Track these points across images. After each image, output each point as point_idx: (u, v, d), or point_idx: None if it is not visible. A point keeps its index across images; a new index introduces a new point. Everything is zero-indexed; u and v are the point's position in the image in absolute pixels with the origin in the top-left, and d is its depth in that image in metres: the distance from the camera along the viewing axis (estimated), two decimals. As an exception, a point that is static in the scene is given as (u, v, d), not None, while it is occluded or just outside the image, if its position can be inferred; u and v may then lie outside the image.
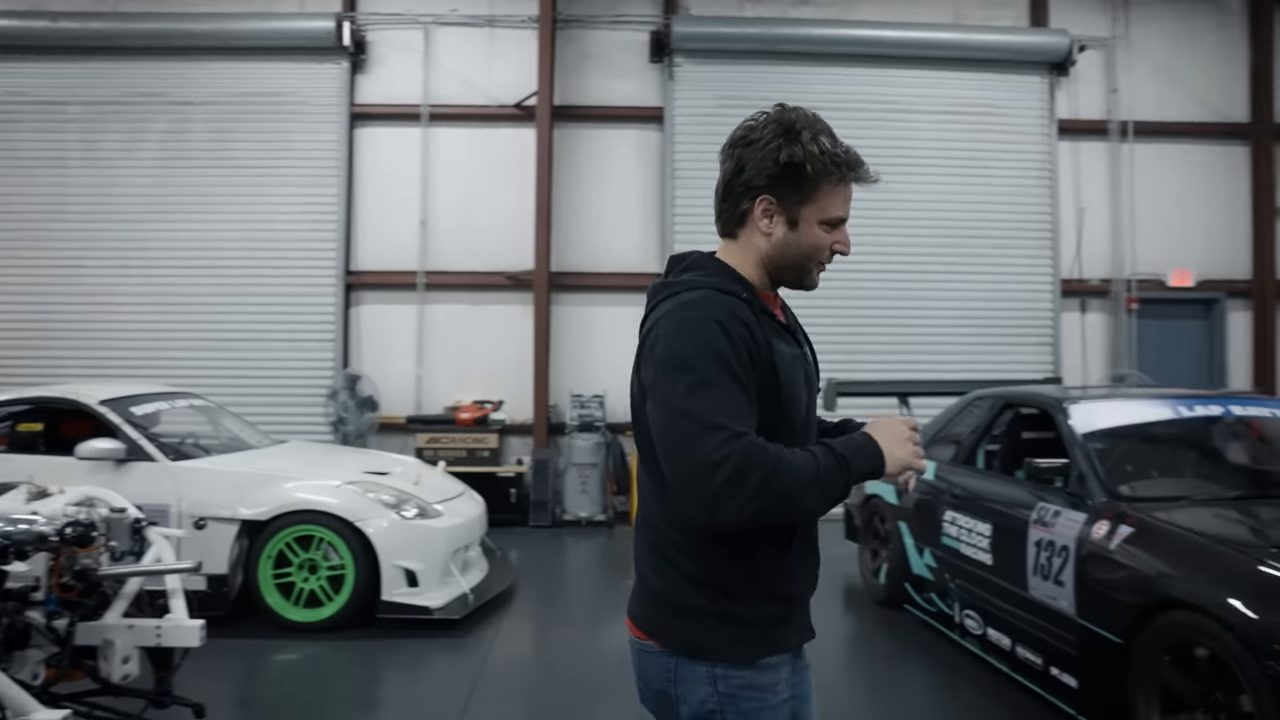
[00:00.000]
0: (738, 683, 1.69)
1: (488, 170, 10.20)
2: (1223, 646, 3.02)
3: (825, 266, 1.80)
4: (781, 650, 1.74)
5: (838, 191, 1.72)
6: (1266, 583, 3.06)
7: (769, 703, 1.71)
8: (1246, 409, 4.68)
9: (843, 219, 1.74)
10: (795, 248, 1.73)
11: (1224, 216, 10.96)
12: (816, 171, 1.68)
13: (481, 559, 6.51)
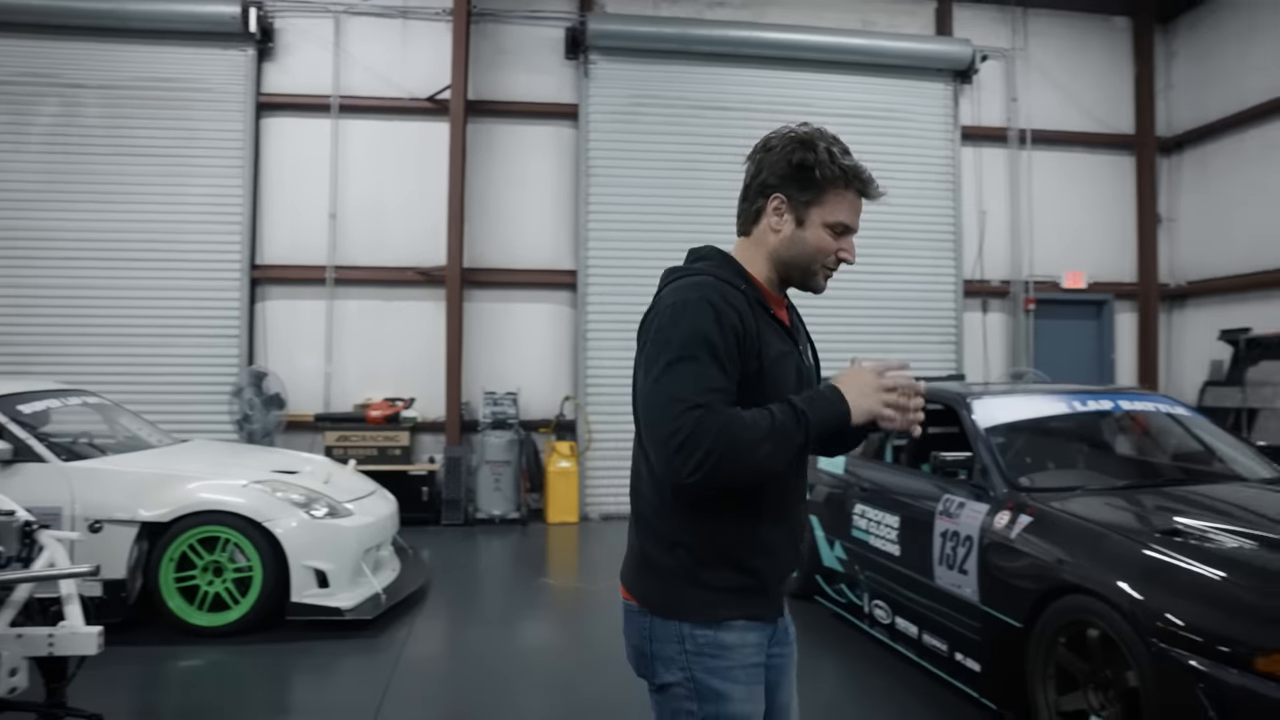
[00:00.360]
0: (703, 641, 1.81)
1: (400, 164, 10.03)
2: (1112, 626, 3.19)
3: (831, 272, 1.93)
4: (749, 617, 1.85)
5: (844, 199, 1.86)
6: (1151, 566, 3.25)
7: (735, 662, 1.82)
8: (1133, 404, 4.95)
9: (848, 226, 1.88)
10: (801, 246, 1.88)
11: (1112, 223, 11.54)
12: (825, 176, 1.83)
13: (393, 558, 6.42)
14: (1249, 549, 3.34)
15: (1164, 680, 2.95)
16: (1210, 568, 3.14)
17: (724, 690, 1.81)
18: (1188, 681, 2.87)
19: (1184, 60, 11.57)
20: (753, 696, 1.85)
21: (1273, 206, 10.27)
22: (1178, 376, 11.58)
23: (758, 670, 1.86)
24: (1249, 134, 10.61)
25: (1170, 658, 2.94)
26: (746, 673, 1.83)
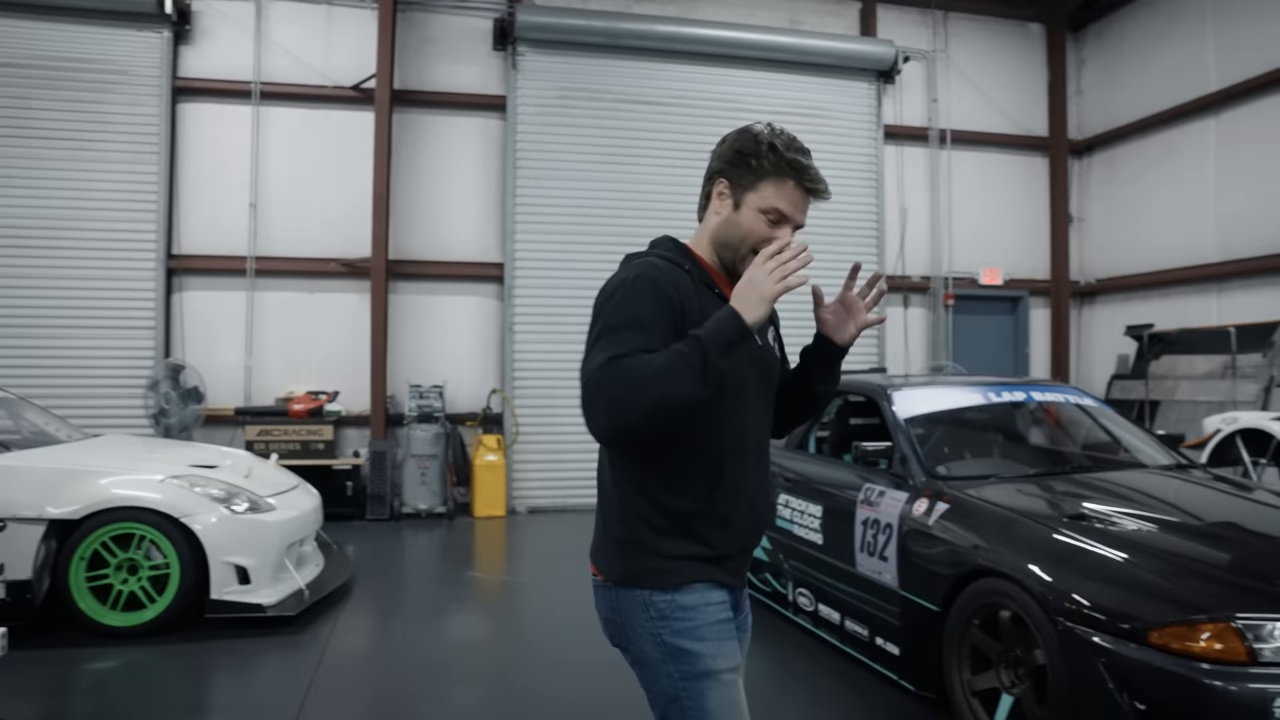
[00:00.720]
0: (665, 606, 1.89)
1: (324, 153, 9.82)
2: (1023, 608, 3.32)
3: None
4: (702, 579, 1.91)
5: (782, 189, 1.92)
6: (1060, 549, 3.39)
7: (700, 621, 1.89)
8: (1045, 395, 5.15)
9: (784, 215, 1.92)
10: (733, 228, 1.95)
11: (1027, 222, 11.95)
12: (763, 163, 1.91)
13: (317, 554, 6.31)
14: (1147, 531, 3.51)
15: (1069, 656, 3.09)
16: (1113, 550, 3.29)
17: (693, 649, 1.87)
18: (1091, 657, 3.01)
19: (1093, 67, 12.02)
20: (724, 651, 1.90)
21: (1173, 208, 10.75)
22: (1087, 370, 12.04)
23: (724, 626, 1.92)
24: (1151, 139, 11.08)
25: (1075, 635, 3.08)
26: (713, 629, 1.89)
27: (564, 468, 9.85)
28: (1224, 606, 2.88)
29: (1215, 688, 2.72)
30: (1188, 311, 10.55)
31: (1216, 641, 2.80)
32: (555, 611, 6.08)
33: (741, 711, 1.91)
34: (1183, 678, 2.79)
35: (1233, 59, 9.94)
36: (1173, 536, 3.47)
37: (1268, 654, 2.76)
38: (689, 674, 1.87)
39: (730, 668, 1.91)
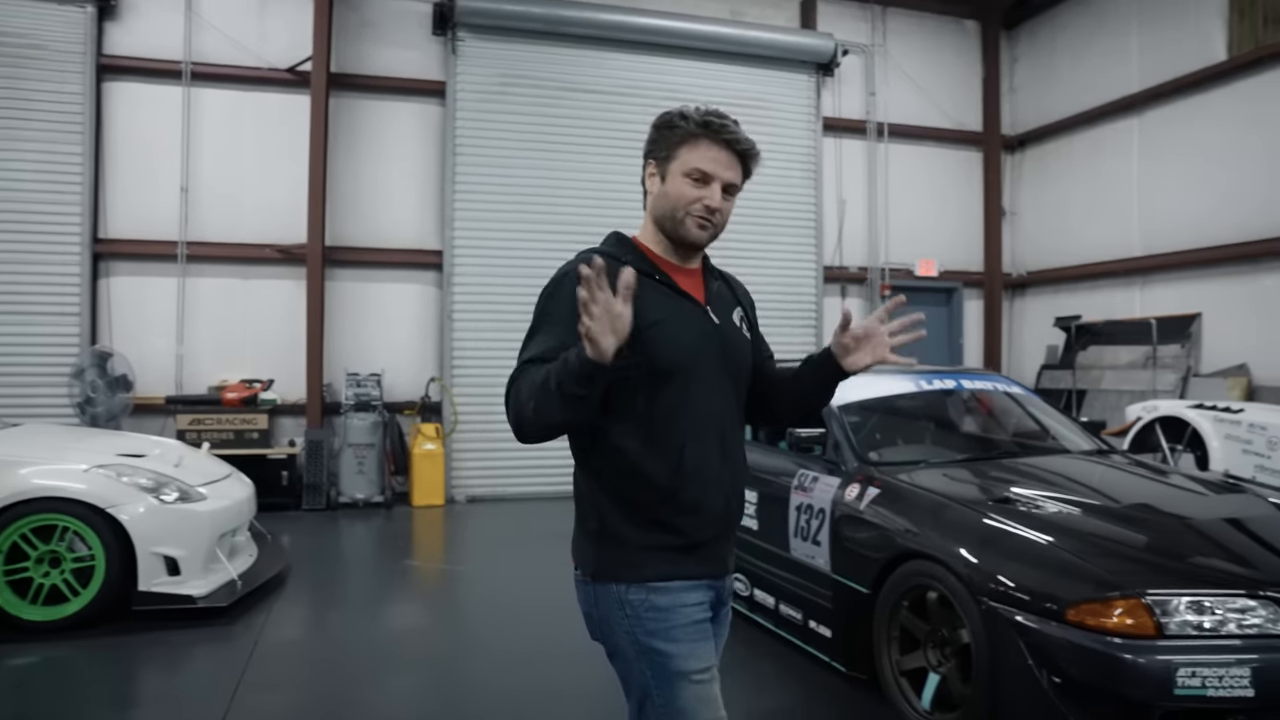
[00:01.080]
0: (640, 605, 1.89)
1: (258, 137, 9.61)
2: (949, 589, 3.42)
3: (704, 222, 1.96)
4: (679, 577, 1.91)
5: (698, 148, 1.93)
6: (986, 532, 3.49)
7: (674, 622, 1.88)
8: (975, 383, 5.29)
9: (705, 173, 1.92)
10: (665, 200, 1.96)
11: (962, 215, 12.21)
12: (677, 131, 1.95)
13: (251, 544, 6.21)
14: (1068, 514, 3.63)
15: (992, 635, 3.19)
16: (1035, 532, 3.40)
17: (666, 649, 1.88)
18: (1012, 635, 3.11)
19: (1026, 64, 12.31)
20: (696, 653, 1.90)
21: (1100, 204, 11.08)
22: (1019, 360, 12.36)
23: (700, 627, 1.92)
24: (1080, 136, 11.40)
25: (998, 614, 3.18)
26: (686, 631, 1.89)
27: (504, 456, 9.81)
28: (1135, 584, 2.99)
29: (1126, 660, 2.84)
30: (1113, 304, 10.89)
31: (1128, 617, 2.91)
32: (494, 599, 6.08)
33: (714, 710, 1.90)
34: (1096, 652, 2.90)
35: (1155, 61, 10.27)
36: (1091, 518, 3.59)
37: (1173, 627, 2.88)
38: (660, 673, 1.88)
39: (702, 669, 1.90)
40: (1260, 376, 9.02)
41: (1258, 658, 2.82)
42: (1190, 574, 3.11)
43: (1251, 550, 3.36)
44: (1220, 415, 7.58)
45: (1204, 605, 2.93)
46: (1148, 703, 2.82)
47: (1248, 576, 3.09)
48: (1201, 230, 9.65)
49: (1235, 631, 2.89)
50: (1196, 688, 2.78)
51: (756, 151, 2.00)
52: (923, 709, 3.56)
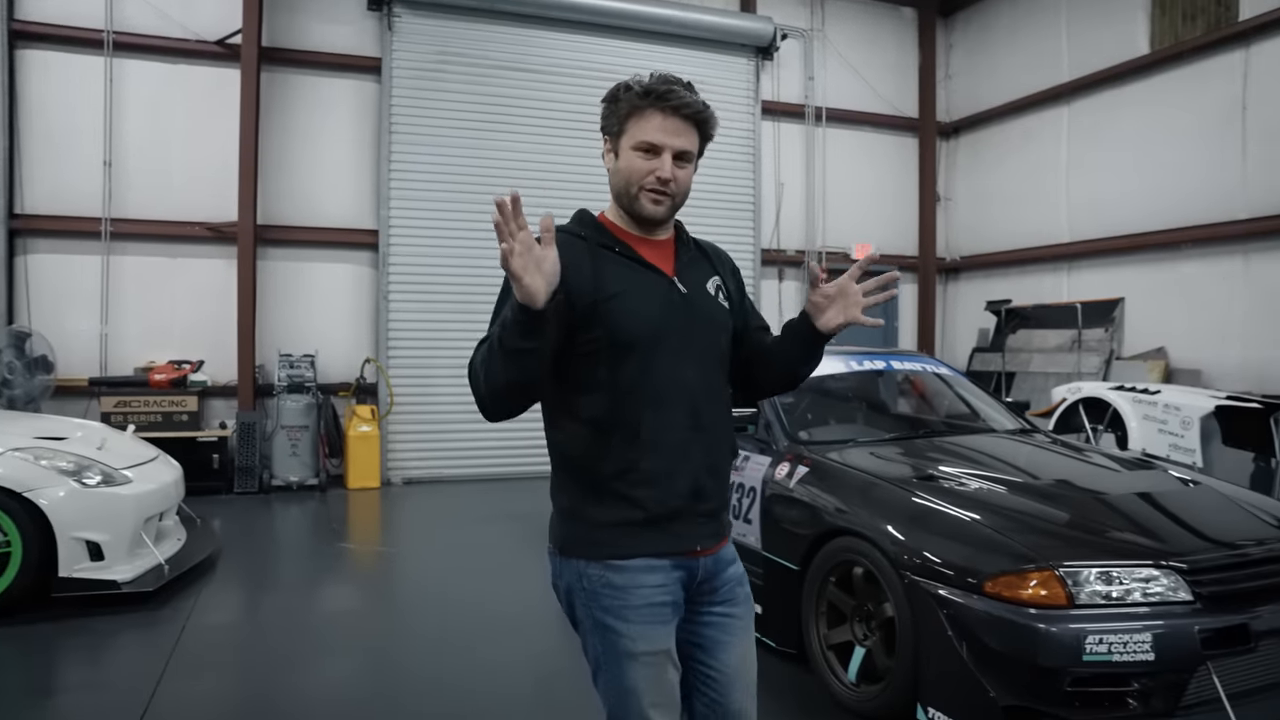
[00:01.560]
0: (598, 581, 1.88)
1: (187, 111, 9.33)
2: (874, 564, 3.50)
3: (658, 195, 1.92)
4: (638, 555, 1.88)
5: (645, 120, 1.89)
6: (909, 509, 3.58)
7: (628, 602, 1.86)
8: (904, 364, 5.39)
9: (653, 144, 1.89)
10: (619, 175, 1.95)
11: (898, 199, 12.41)
12: (623, 104, 1.92)
13: (179, 527, 6.08)
14: (990, 490, 3.73)
15: (915, 608, 3.27)
16: (957, 508, 3.49)
17: (616, 627, 1.87)
18: (933, 608, 3.19)
19: (961, 52, 12.52)
20: (648, 635, 1.88)
21: (1030, 191, 11.35)
22: (952, 342, 12.63)
23: (657, 610, 1.89)
24: (1012, 124, 11.66)
25: (920, 588, 3.26)
26: (639, 612, 1.87)
27: (441, 438, 9.76)
28: (1049, 556, 3.09)
29: (1039, 630, 2.94)
30: (1041, 288, 11.19)
31: (1042, 588, 3.01)
32: (428, 582, 6.05)
33: (663, 693, 1.89)
34: (1012, 623, 2.99)
35: (1083, 53, 10.54)
36: (1012, 494, 3.70)
37: (1084, 597, 2.99)
38: (610, 650, 1.88)
39: (653, 651, 1.88)
40: (1177, 359, 9.36)
41: (1158, 624, 2.94)
42: (1101, 546, 3.23)
43: (1158, 523, 3.49)
44: (1139, 397, 7.85)
45: (1112, 576, 3.05)
46: (1059, 669, 2.92)
47: (1153, 548, 3.21)
48: (1125, 218, 9.95)
49: (1140, 600, 3.01)
50: (1103, 654, 2.89)
51: (709, 114, 1.94)
52: (849, 681, 3.64)
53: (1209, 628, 2.98)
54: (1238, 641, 3.01)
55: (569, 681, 3.98)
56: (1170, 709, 3.01)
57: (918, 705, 3.27)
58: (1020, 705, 3.01)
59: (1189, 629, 2.96)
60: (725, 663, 2.00)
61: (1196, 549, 3.24)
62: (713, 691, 2.00)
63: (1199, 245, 9.20)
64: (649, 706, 1.87)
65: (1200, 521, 3.52)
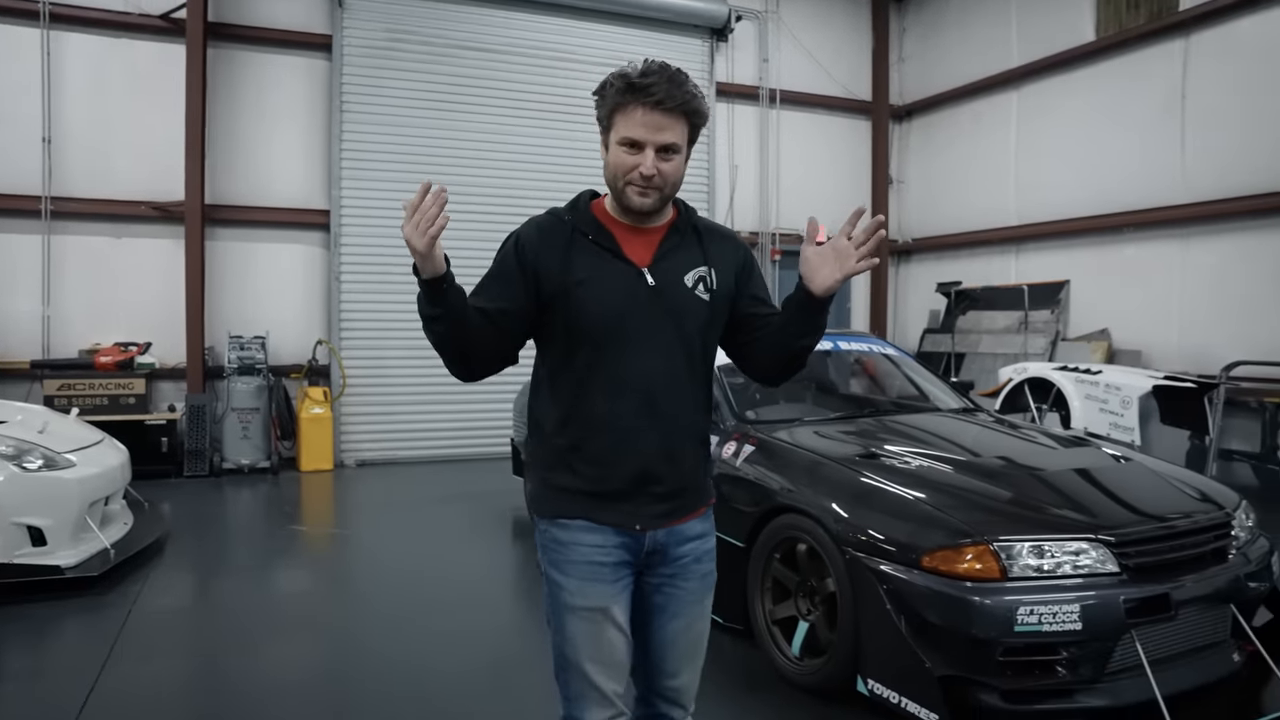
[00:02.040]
0: (547, 535, 2.05)
1: (130, 87, 9.10)
2: (816, 540, 3.58)
3: (643, 189, 1.95)
4: (581, 517, 2.01)
5: (629, 115, 1.91)
6: (851, 485, 3.66)
7: (568, 557, 2.00)
8: (851, 345, 5.49)
9: (635, 141, 1.91)
10: (608, 170, 1.99)
11: (851, 181, 12.51)
12: (609, 100, 1.94)
13: (126, 512, 6.02)
14: (930, 468, 3.82)
15: (856, 583, 3.36)
16: (897, 484, 3.58)
17: (557, 579, 2.02)
18: (873, 582, 3.28)
19: (913, 36, 12.64)
20: (586, 591, 1.98)
21: (980, 174, 11.53)
22: (904, 324, 12.82)
23: (596, 568, 1.99)
24: (963, 108, 11.81)
25: (861, 564, 3.35)
26: (578, 568, 1.99)
27: (394, 420, 9.72)
28: (984, 531, 3.19)
29: (974, 602, 3.04)
30: (990, 270, 11.39)
31: (977, 562, 3.11)
32: (383, 562, 6.05)
33: (601, 650, 1.98)
34: (948, 596, 3.09)
35: (1032, 38, 10.70)
36: (952, 471, 3.79)
37: (1016, 570, 3.10)
38: (554, 601, 2.02)
39: (590, 606, 1.97)
40: (1120, 340, 9.60)
41: (1086, 595, 3.06)
42: (1035, 521, 3.33)
43: (1091, 498, 3.61)
44: (1081, 377, 8.05)
45: (1044, 549, 3.16)
46: (992, 639, 3.02)
47: (1085, 522, 3.33)
48: (1072, 202, 10.16)
49: (1070, 573, 3.12)
50: (1034, 624, 3.00)
51: (695, 105, 1.94)
52: (793, 655, 3.73)
53: (1133, 598, 3.10)
54: (1160, 610, 3.14)
55: (523, 657, 4.03)
56: (1097, 676, 3.13)
57: (858, 677, 3.37)
58: (955, 675, 3.11)
59: (1115, 599, 3.08)
60: (665, 628, 2.10)
61: (1124, 523, 3.36)
62: (653, 654, 2.12)
63: (1140, 229, 9.42)
64: (585, 660, 1.98)
65: (1130, 497, 3.65)
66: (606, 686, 1.99)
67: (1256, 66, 8.31)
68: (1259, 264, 8.31)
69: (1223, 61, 8.63)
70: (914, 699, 3.14)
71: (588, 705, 2.00)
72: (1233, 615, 3.47)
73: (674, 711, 2.17)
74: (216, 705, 3.73)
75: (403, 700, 3.68)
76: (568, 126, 10.01)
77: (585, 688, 1.99)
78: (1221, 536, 3.53)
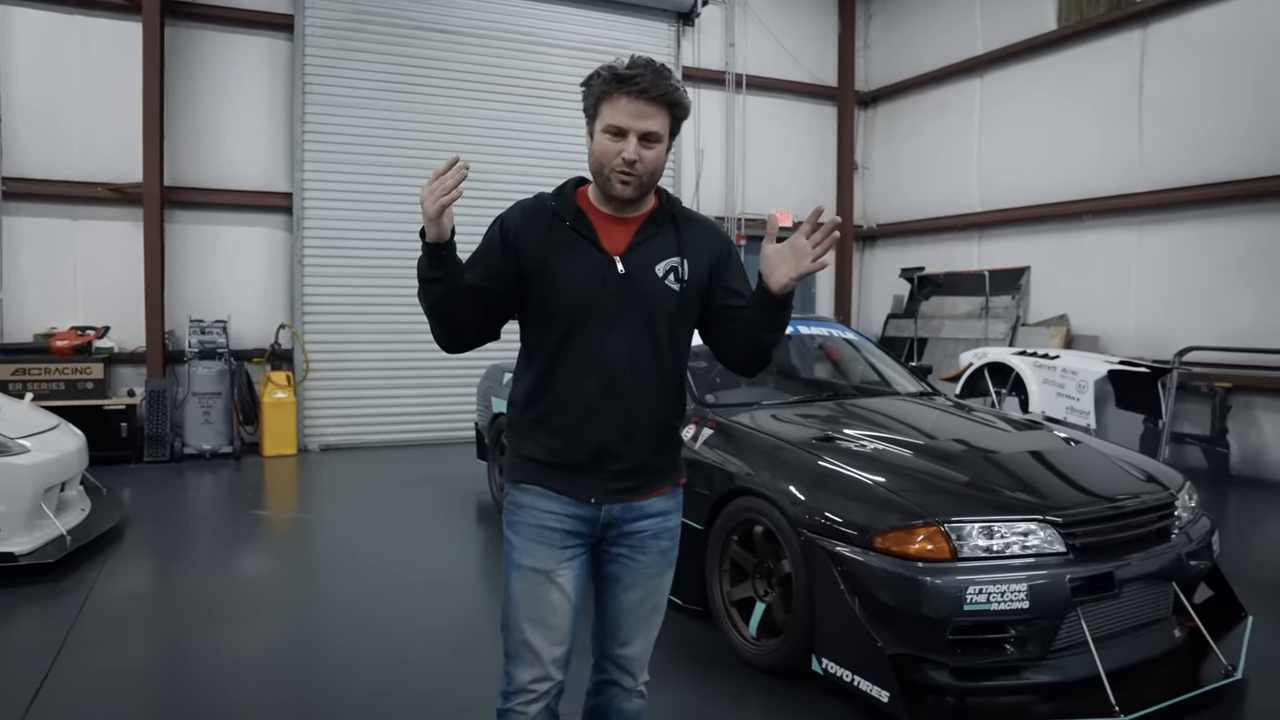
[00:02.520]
0: (509, 497, 2.19)
1: (85, 66, 8.92)
2: (773, 522, 3.63)
3: (625, 176, 2.01)
4: (539, 484, 2.12)
5: (614, 104, 1.99)
6: (807, 468, 3.72)
7: (523, 519, 2.13)
8: (812, 329, 5.54)
9: (620, 128, 1.99)
10: (593, 158, 2.06)
11: (816, 167, 12.58)
12: (594, 89, 2.03)
13: (83, 497, 5.96)
14: (886, 451, 3.88)
15: (810, 564, 3.42)
16: (853, 467, 3.63)
17: (511, 539, 2.15)
18: (827, 563, 3.34)
19: (879, 23, 12.69)
20: (532, 552, 2.11)
21: (944, 160, 11.63)
22: (868, 309, 12.93)
23: (547, 532, 2.11)
24: (928, 95, 11.89)
25: (816, 545, 3.40)
26: (531, 530, 2.11)
27: (358, 405, 9.68)
28: (935, 513, 3.25)
29: (925, 582, 3.10)
30: (953, 256, 11.51)
31: (928, 543, 3.18)
32: (346, 547, 6.04)
33: (540, 611, 2.10)
34: (900, 576, 3.15)
35: (996, 26, 10.79)
36: (907, 454, 3.85)
37: (966, 550, 3.17)
38: (507, 559, 2.16)
39: (535, 567, 2.09)
40: (1078, 326, 9.77)
41: (1034, 575, 3.13)
42: (986, 503, 3.40)
43: (1041, 480, 3.68)
44: (1039, 361, 8.19)
45: (993, 530, 3.23)
46: (942, 618, 3.09)
47: (1035, 503, 3.40)
48: (1033, 189, 10.28)
49: (1018, 553, 3.20)
50: (983, 603, 3.07)
51: (678, 96, 2.02)
52: (750, 636, 3.79)
53: (1079, 577, 3.18)
54: (1104, 589, 3.23)
55: (487, 640, 4.04)
56: (1043, 653, 3.22)
57: (813, 656, 3.43)
58: (906, 653, 3.18)
59: (1061, 579, 3.16)
60: (620, 598, 2.21)
61: (1072, 504, 3.44)
62: (609, 622, 2.25)
63: (1099, 217, 9.57)
64: (524, 618, 2.11)
65: (1078, 478, 3.74)
66: (541, 648, 2.10)
67: (1211, 58, 8.45)
68: (1213, 252, 8.48)
69: (1179, 53, 8.76)
70: (866, 677, 3.20)
71: (520, 663, 2.12)
72: (1175, 593, 3.58)
73: (624, 679, 2.28)
74: (175, 689, 3.72)
75: (366, 684, 3.70)
76: (533, 109, 9.99)
77: (520, 646, 2.12)
78: (1165, 517, 3.63)
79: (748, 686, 3.63)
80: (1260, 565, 5.82)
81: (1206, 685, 3.40)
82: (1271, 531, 6.56)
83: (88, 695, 3.59)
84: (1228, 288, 8.33)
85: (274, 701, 3.61)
